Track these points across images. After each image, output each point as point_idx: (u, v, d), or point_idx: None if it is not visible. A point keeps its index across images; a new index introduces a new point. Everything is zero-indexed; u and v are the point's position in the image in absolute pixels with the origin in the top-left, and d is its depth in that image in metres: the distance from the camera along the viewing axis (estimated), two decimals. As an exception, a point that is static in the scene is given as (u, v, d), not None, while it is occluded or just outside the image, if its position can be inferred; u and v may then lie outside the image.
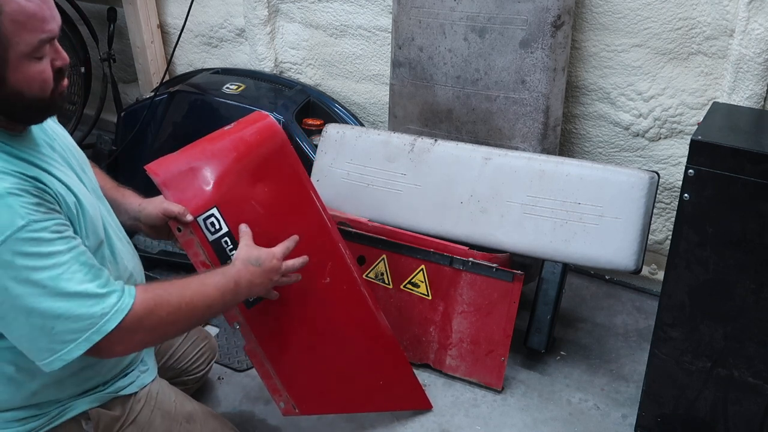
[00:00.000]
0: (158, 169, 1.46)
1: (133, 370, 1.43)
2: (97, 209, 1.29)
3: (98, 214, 1.28)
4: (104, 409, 1.35)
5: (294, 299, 1.59)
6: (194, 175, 1.47)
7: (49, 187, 1.14)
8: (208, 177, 1.48)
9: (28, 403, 1.25)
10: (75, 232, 1.18)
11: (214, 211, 1.46)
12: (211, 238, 1.46)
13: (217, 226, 1.47)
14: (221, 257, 1.47)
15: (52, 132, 1.29)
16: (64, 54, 1.16)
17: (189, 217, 1.42)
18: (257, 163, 1.56)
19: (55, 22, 1.11)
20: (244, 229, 1.46)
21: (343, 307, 1.69)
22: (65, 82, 1.19)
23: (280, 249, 1.44)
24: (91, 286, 1.13)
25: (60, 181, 1.18)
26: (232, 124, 1.61)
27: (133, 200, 1.50)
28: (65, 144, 1.32)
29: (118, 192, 1.52)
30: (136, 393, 1.41)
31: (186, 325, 1.34)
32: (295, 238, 1.49)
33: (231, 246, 1.48)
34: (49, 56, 1.12)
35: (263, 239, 1.51)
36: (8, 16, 1.04)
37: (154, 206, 1.45)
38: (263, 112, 1.65)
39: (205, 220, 1.45)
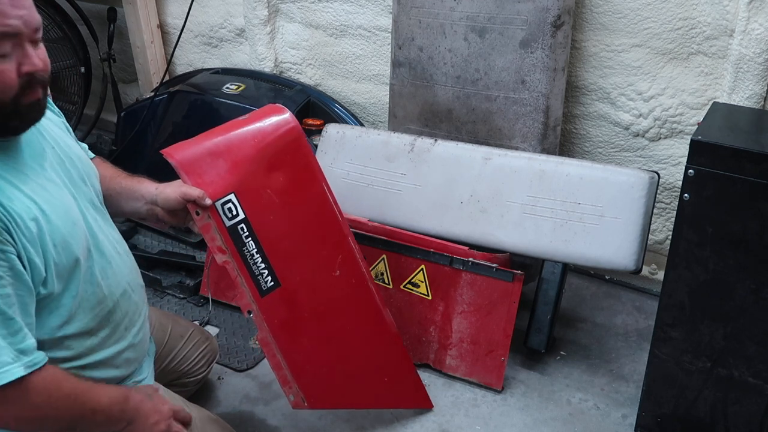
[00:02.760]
0: (175, 152, 1.47)
1: (129, 381, 1.39)
2: (81, 226, 1.21)
3: (80, 232, 1.21)
4: None
5: (305, 290, 1.60)
6: (212, 161, 1.48)
7: (2, 206, 1.05)
8: (227, 163, 1.49)
9: None
10: (31, 250, 1.09)
11: (232, 196, 1.48)
12: (228, 223, 1.48)
13: (234, 212, 1.49)
14: (237, 243, 1.49)
15: (51, 140, 1.25)
16: (37, 60, 1.07)
17: (208, 201, 1.43)
18: (273, 153, 1.57)
19: (20, 21, 1.03)
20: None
21: (351, 302, 1.69)
22: (39, 92, 1.09)
23: (174, 406, 1.35)
24: None
25: (26, 195, 1.11)
26: (247, 115, 1.61)
27: (149, 185, 1.49)
28: (66, 153, 1.27)
29: (133, 179, 1.51)
30: None
31: (65, 421, 1.17)
32: (190, 415, 1.40)
33: (246, 233, 1.50)
34: (15, 58, 1.04)
35: (276, 229, 1.52)
36: None
37: (173, 189, 1.44)
38: (279, 105, 1.66)
39: (222, 205, 1.47)
